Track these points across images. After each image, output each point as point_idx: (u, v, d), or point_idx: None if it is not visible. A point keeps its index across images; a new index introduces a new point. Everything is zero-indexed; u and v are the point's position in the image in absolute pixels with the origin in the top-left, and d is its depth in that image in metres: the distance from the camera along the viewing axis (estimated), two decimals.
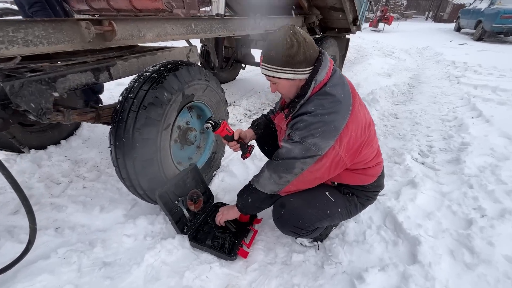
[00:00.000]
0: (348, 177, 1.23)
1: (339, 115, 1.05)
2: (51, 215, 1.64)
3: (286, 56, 1.02)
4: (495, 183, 1.89)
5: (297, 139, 1.07)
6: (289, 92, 1.15)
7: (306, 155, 1.06)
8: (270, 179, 1.17)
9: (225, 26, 2.19)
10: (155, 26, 1.65)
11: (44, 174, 2.03)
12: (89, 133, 2.64)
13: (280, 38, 1.01)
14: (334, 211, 1.23)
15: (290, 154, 1.09)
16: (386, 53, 7.34)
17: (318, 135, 1.03)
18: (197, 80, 1.51)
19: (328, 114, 1.04)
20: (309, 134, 1.04)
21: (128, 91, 1.28)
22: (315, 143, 1.04)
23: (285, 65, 1.04)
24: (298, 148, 1.07)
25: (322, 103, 1.06)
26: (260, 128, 1.50)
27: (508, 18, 8.05)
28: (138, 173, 1.29)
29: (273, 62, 1.05)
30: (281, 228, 1.27)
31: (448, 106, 3.56)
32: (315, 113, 1.05)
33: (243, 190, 1.31)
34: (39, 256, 1.34)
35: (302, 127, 1.06)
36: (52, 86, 1.12)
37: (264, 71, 1.10)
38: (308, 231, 1.22)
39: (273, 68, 1.06)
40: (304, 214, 1.19)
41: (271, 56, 1.05)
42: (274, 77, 1.09)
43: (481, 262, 1.29)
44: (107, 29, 1.34)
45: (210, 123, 1.32)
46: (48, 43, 1.23)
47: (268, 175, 1.17)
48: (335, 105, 1.05)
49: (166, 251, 1.36)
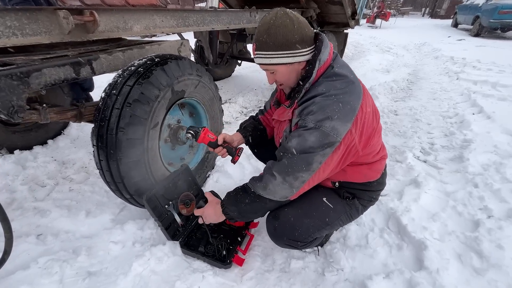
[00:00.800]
0: (353, 172, 1.12)
1: (354, 95, 0.95)
2: (33, 220, 1.53)
3: (281, 39, 0.92)
4: (500, 182, 1.83)
5: (311, 125, 0.92)
6: (289, 80, 1.04)
7: (324, 142, 0.91)
8: (284, 184, 0.97)
9: (219, 19, 2.08)
10: (142, 18, 1.53)
11: (29, 176, 1.92)
12: (78, 132, 2.53)
13: (272, 21, 0.92)
14: (333, 218, 1.12)
15: (305, 145, 0.92)
16: (384, 49, 7.27)
17: (336, 117, 0.90)
18: (188, 75, 1.41)
19: (343, 94, 0.93)
20: (326, 117, 0.90)
21: (111, 87, 1.18)
22: (333, 127, 0.90)
23: (281, 49, 0.94)
24: (314, 135, 0.91)
25: (333, 84, 0.95)
26: (248, 131, 1.40)
27: (505, 13, 8.01)
28: (124, 176, 1.19)
29: (267, 47, 0.95)
30: (276, 242, 1.15)
31: (448, 102, 3.49)
32: (329, 93, 0.93)
33: (238, 197, 1.08)
34: (18, 266, 1.24)
35: (316, 110, 0.92)
36: (25, 81, 1.02)
37: (259, 60, 0.99)
38: (306, 243, 1.12)
39: (268, 55, 0.96)
40: (300, 226, 1.08)
41: (264, 42, 0.94)
42: (271, 64, 0.98)
43: (490, 267, 1.22)
44: (88, 20, 1.23)
45: (190, 132, 1.26)
46: (22, 35, 1.12)
47: (281, 179, 0.97)
48: (349, 85, 0.96)
49: (156, 259, 1.27)
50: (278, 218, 1.11)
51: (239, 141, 1.39)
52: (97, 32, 1.33)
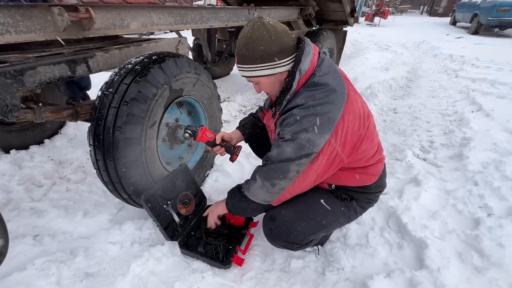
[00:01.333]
0: (347, 177, 1.11)
1: (334, 105, 0.94)
2: (30, 221, 1.51)
3: (259, 52, 0.93)
4: (500, 180, 1.82)
5: (288, 137, 0.95)
6: (273, 90, 1.06)
7: (300, 154, 0.94)
8: (263, 188, 1.04)
9: (217, 17, 2.05)
10: (139, 15, 1.51)
11: (25, 176, 1.90)
12: (75, 132, 2.51)
13: (249, 34, 0.93)
14: (330, 220, 1.11)
15: (282, 156, 0.97)
16: (382, 47, 7.25)
17: (312, 130, 0.92)
18: (186, 73, 1.39)
19: (320, 105, 0.93)
20: (301, 129, 0.93)
21: (107, 85, 1.16)
22: (308, 139, 0.92)
23: (260, 61, 0.95)
24: (290, 146, 0.95)
25: (313, 94, 0.95)
26: (247, 128, 1.39)
27: (504, 11, 8.01)
28: (121, 176, 1.17)
29: (247, 61, 0.96)
30: (272, 243, 1.15)
31: (447, 100, 3.49)
32: (306, 105, 0.94)
33: (233, 193, 1.18)
34: (15, 267, 1.22)
35: (292, 122, 0.95)
36: (19, 80, 0.99)
37: (241, 72, 1.02)
38: (301, 244, 1.11)
39: (249, 68, 0.98)
40: (296, 228, 1.07)
41: (244, 56, 0.96)
42: (253, 77, 1.00)
43: (491, 266, 1.22)
44: (84, 17, 1.20)
45: (188, 132, 1.26)
46: (16, 32, 1.10)
47: (260, 183, 1.03)
48: (328, 95, 0.94)
49: (155, 260, 1.25)
50: (274, 220, 1.10)
51: (237, 139, 1.38)
52: (93, 30, 1.30)
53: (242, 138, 1.39)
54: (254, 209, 1.14)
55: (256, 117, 1.43)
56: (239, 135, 1.38)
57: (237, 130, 1.39)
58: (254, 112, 1.47)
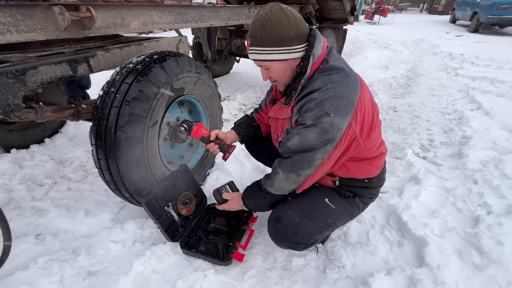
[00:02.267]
0: (355, 169, 1.11)
1: (352, 87, 0.94)
2: (32, 220, 1.52)
3: (277, 34, 0.90)
4: (499, 178, 1.83)
5: (309, 122, 0.92)
6: (283, 76, 1.02)
7: (324, 139, 0.92)
8: (287, 181, 1.04)
9: (217, 15, 2.05)
10: (140, 14, 1.51)
11: (26, 175, 1.90)
12: (75, 131, 2.50)
13: (267, 16, 0.90)
14: (335, 219, 1.12)
15: (306, 143, 0.94)
16: (382, 45, 7.24)
17: (334, 112, 0.89)
18: (187, 72, 1.39)
19: (340, 87, 0.91)
20: (324, 113, 0.89)
21: (109, 85, 1.16)
22: (332, 123, 0.90)
23: (276, 45, 0.91)
24: (314, 132, 0.91)
25: (329, 78, 0.94)
26: (241, 128, 1.38)
27: (504, 9, 8.00)
28: (123, 175, 1.17)
29: (263, 43, 0.92)
30: (278, 244, 1.15)
31: (447, 99, 3.49)
32: (326, 88, 0.91)
33: (254, 192, 1.18)
34: (17, 266, 1.23)
35: (313, 107, 0.91)
36: (20, 79, 0.99)
37: (254, 55, 0.97)
38: (307, 245, 1.12)
39: (263, 50, 0.93)
40: (302, 228, 1.07)
41: (259, 38, 0.92)
42: (266, 61, 0.96)
43: (491, 263, 1.23)
44: (85, 16, 1.20)
45: (183, 125, 1.27)
46: (17, 31, 1.09)
47: (284, 176, 1.03)
48: (345, 78, 0.94)
49: (157, 258, 1.26)
50: (281, 221, 1.10)
51: (232, 139, 1.37)
52: (93, 29, 1.30)
53: (237, 138, 1.38)
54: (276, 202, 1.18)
55: (250, 117, 1.42)
56: (234, 134, 1.37)
57: (232, 130, 1.39)
58: (249, 114, 1.46)
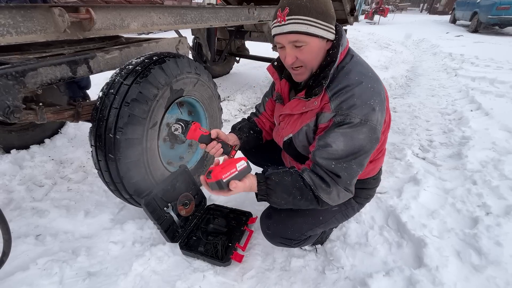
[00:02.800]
0: None
1: (380, 83, 0.89)
2: (32, 221, 1.52)
3: (322, 7, 0.81)
4: (498, 179, 1.83)
5: (357, 120, 0.82)
6: (314, 60, 0.88)
7: (373, 138, 0.84)
8: (347, 192, 0.92)
9: (217, 16, 2.05)
10: (139, 15, 1.51)
11: (26, 176, 1.91)
12: (75, 131, 2.51)
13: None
14: (327, 217, 1.10)
15: (355, 145, 0.83)
16: (382, 45, 7.24)
17: (378, 109, 0.83)
18: (187, 73, 1.39)
19: (375, 83, 0.86)
20: (371, 110, 0.82)
21: (109, 86, 1.16)
22: (377, 119, 0.84)
23: (321, 18, 0.81)
24: (363, 132, 0.83)
25: (362, 72, 0.88)
26: (244, 132, 1.23)
27: (504, 9, 8.00)
28: (123, 176, 1.18)
29: (308, 12, 0.79)
30: (270, 240, 1.14)
31: (447, 99, 3.49)
32: (364, 83, 0.84)
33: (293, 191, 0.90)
34: (17, 267, 1.23)
35: (359, 103, 0.82)
36: (20, 81, 1.00)
37: (292, 26, 0.81)
38: (299, 240, 1.11)
39: (308, 21, 0.80)
40: (293, 224, 1.06)
41: (303, 6, 0.79)
42: (306, 34, 0.81)
43: (489, 264, 1.23)
44: (84, 17, 1.20)
45: (180, 124, 1.05)
46: (17, 33, 1.10)
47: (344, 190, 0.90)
48: (374, 73, 0.90)
49: (156, 259, 1.27)
50: (271, 218, 1.10)
51: (233, 142, 1.22)
52: (93, 30, 1.30)
53: (239, 143, 1.22)
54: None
55: (251, 121, 1.30)
56: (235, 138, 1.21)
57: (233, 134, 1.22)
58: (250, 116, 1.35)
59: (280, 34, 0.85)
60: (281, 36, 0.85)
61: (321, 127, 0.91)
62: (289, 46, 0.86)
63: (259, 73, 4.65)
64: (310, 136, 0.97)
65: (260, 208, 1.27)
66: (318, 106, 0.90)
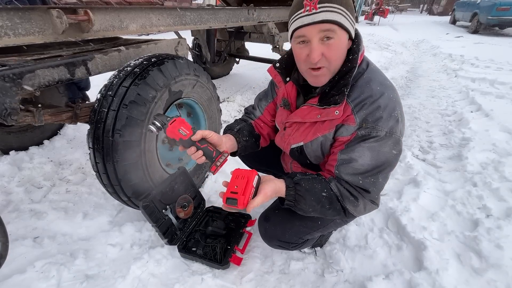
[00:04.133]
0: None
1: (397, 92, 0.87)
2: (30, 223, 1.51)
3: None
4: (499, 181, 1.83)
5: (382, 133, 0.80)
6: (339, 57, 0.82)
7: (397, 150, 0.83)
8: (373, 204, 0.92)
9: (216, 17, 2.05)
10: (138, 16, 1.50)
11: (25, 177, 1.90)
12: (74, 133, 2.50)
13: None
14: (326, 221, 1.08)
15: (380, 159, 0.82)
16: (382, 46, 7.23)
17: (401, 120, 0.82)
18: (185, 75, 1.39)
19: (394, 92, 0.84)
20: (395, 121, 0.81)
21: (107, 88, 1.16)
22: (401, 131, 0.83)
23: (349, 10, 0.76)
24: (388, 145, 0.81)
25: (381, 81, 0.85)
26: (244, 135, 1.09)
27: (504, 10, 8.00)
28: (121, 178, 1.17)
29: (339, 1, 0.74)
30: (268, 243, 1.12)
31: (447, 100, 3.49)
32: (387, 93, 0.82)
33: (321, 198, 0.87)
34: (15, 270, 1.23)
35: (385, 116, 0.80)
36: (18, 83, 0.99)
37: (326, 14, 0.73)
38: (297, 244, 1.10)
39: (341, 10, 0.73)
40: (291, 227, 1.04)
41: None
42: (339, 25, 0.74)
43: (490, 267, 1.22)
44: (82, 19, 1.20)
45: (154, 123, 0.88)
46: (15, 35, 1.09)
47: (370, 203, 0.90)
48: (390, 81, 0.88)
49: (155, 262, 1.26)
50: (269, 220, 1.09)
51: (229, 146, 1.04)
52: (92, 32, 1.30)
53: (236, 146, 1.07)
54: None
55: (249, 124, 1.18)
56: (233, 141, 1.05)
57: (231, 136, 1.06)
58: (244, 118, 1.23)
59: (309, 24, 0.75)
60: (309, 27, 0.75)
61: (341, 140, 0.87)
62: (316, 39, 0.76)
63: (259, 74, 4.65)
64: (326, 147, 0.93)
65: (259, 210, 1.26)
66: (340, 117, 0.84)
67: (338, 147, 0.88)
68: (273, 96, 1.19)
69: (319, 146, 0.94)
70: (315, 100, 0.90)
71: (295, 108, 1.03)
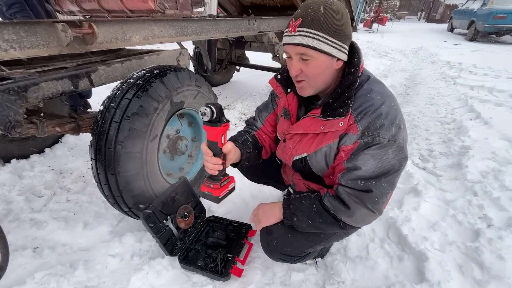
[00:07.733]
0: None
1: (397, 101, 0.90)
2: (30, 233, 1.51)
3: (337, 24, 0.78)
4: (499, 190, 1.83)
5: (385, 141, 0.82)
6: (319, 76, 0.86)
7: (401, 157, 0.84)
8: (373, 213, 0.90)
9: (217, 28, 2.08)
10: (141, 28, 1.53)
11: (26, 186, 1.90)
12: (76, 141, 2.51)
13: (329, 1, 0.79)
14: (329, 234, 1.08)
15: (384, 166, 0.83)
16: (381, 53, 7.31)
17: (403, 126, 0.85)
18: (187, 86, 1.41)
19: (394, 101, 0.87)
20: (397, 128, 0.83)
21: (109, 100, 1.17)
22: (404, 138, 0.85)
23: (334, 35, 0.79)
24: (392, 151, 0.83)
25: (381, 91, 0.87)
26: (248, 147, 1.10)
27: (500, 18, 8.11)
28: (122, 189, 1.18)
29: (320, 27, 0.77)
30: (270, 256, 1.13)
31: (446, 108, 3.51)
32: (387, 101, 0.85)
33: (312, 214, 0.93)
34: (14, 281, 1.22)
35: (387, 124, 0.82)
36: (22, 96, 1.01)
37: (301, 39, 0.79)
38: (299, 257, 1.10)
39: (318, 36, 0.77)
40: (293, 241, 1.05)
41: (316, 20, 0.77)
42: (315, 49, 0.79)
43: (492, 279, 1.21)
44: (87, 32, 1.22)
45: (210, 107, 0.82)
46: (20, 48, 1.12)
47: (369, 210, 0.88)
48: (390, 91, 0.90)
49: (155, 273, 1.25)
50: (271, 234, 1.08)
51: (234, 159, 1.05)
52: (95, 44, 1.32)
53: (239, 157, 1.06)
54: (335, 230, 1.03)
55: (252, 136, 1.18)
56: (238, 153, 1.05)
57: (235, 146, 1.04)
58: (247, 130, 1.24)
59: (289, 44, 0.83)
60: (289, 46, 0.84)
61: (345, 149, 0.88)
62: (296, 57, 0.84)
63: (259, 81, 4.69)
64: (330, 158, 0.94)
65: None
66: (343, 128, 0.86)
67: (344, 158, 0.90)
68: (273, 107, 1.20)
69: (323, 157, 0.95)
70: (317, 111, 0.92)
71: (295, 119, 1.05)
